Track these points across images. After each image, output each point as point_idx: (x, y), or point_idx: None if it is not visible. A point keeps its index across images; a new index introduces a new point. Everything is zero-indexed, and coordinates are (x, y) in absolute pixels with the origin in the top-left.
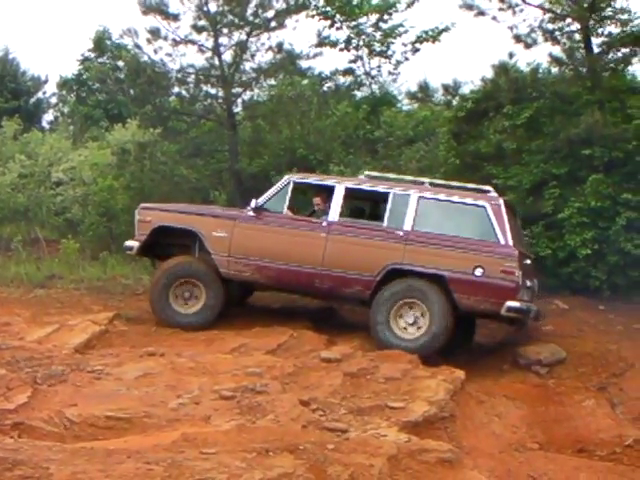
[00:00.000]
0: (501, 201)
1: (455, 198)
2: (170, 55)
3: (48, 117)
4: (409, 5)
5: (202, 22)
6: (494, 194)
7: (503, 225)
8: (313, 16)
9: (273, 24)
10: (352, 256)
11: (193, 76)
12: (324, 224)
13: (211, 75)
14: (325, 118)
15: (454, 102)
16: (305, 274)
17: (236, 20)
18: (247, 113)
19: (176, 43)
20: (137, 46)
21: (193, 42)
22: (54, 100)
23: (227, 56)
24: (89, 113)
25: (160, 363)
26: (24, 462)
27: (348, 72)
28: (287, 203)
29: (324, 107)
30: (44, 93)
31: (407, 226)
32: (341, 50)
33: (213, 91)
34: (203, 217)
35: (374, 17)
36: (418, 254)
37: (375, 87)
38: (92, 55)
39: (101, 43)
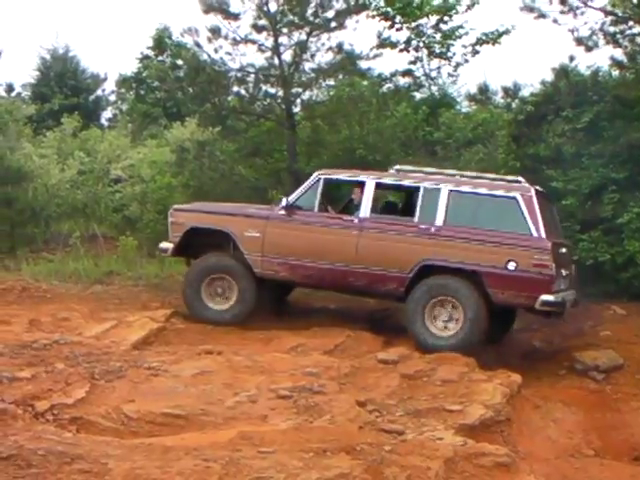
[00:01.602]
0: (533, 191)
1: (486, 190)
2: (230, 54)
3: (107, 114)
4: (469, 7)
5: (262, 21)
6: (525, 184)
7: (535, 216)
8: (373, 17)
9: (333, 24)
10: (384, 253)
11: (253, 75)
12: (356, 221)
13: (271, 75)
14: (384, 119)
15: (514, 105)
16: (338, 272)
17: (296, 20)
18: (306, 113)
19: (236, 42)
20: (197, 45)
21: (253, 41)
22: (113, 98)
23: (287, 56)
24: (148, 111)
25: (217, 361)
26: (83, 457)
27: (408, 73)
28: (318, 200)
29: (383, 108)
30: (103, 91)
31: (439, 221)
32: (401, 51)
33: (272, 91)
34: (235, 217)
35: (434, 18)
36: (450, 249)
37: (434, 89)
38: (152, 53)
39: (161, 41)
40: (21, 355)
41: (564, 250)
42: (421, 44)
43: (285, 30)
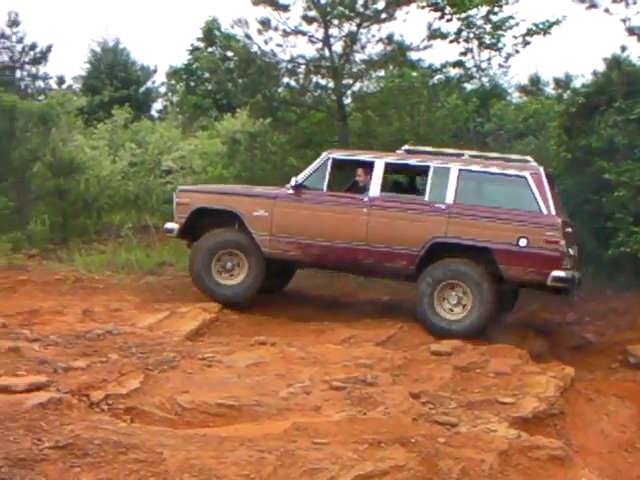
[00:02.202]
0: (541, 170)
1: (495, 169)
2: (280, 45)
3: (157, 106)
4: None
5: (312, 13)
6: (534, 163)
7: (545, 194)
8: (423, 7)
9: (383, 15)
10: (395, 231)
11: (303, 67)
12: (365, 200)
13: (321, 66)
14: (435, 110)
15: (565, 96)
16: (348, 250)
17: (346, 11)
18: (357, 104)
19: (286, 34)
20: (247, 36)
21: (303, 33)
22: (163, 89)
23: (337, 47)
24: (198, 102)
25: (271, 352)
26: (137, 446)
27: (458, 64)
28: (327, 180)
29: (434, 99)
30: (153, 82)
31: (449, 199)
32: (451, 42)
33: (323, 82)
34: (242, 197)
35: (484, 9)
36: (461, 227)
37: (485, 80)
38: (201, 45)
39: (210, 33)
40: (75, 345)
41: (570, 230)
42: (471, 35)
43: (335, 21)
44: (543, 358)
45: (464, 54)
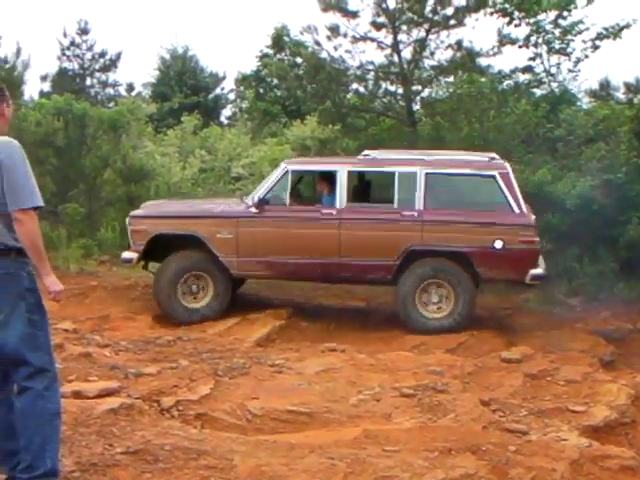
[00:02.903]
0: (509, 168)
1: (462, 170)
2: (349, 52)
3: (226, 112)
4: (589, 1)
5: (381, 19)
6: (500, 161)
7: (514, 192)
8: (492, 13)
9: (452, 22)
10: (368, 243)
11: (372, 73)
12: (334, 212)
13: (390, 72)
14: (504, 116)
15: (636, 100)
16: (322, 265)
17: (415, 17)
18: (426, 110)
19: (355, 40)
20: (317, 43)
21: (372, 39)
22: (232, 96)
23: (406, 53)
24: (267, 109)
25: (341, 359)
26: (208, 452)
27: (527, 70)
28: (289, 193)
29: (503, 105)
30: (222, 89)
31: (419, 205)
32: (520, 47)
33: (392, 88)
34: (203, 219)
35: (553, 14)
36: (435, 233)
37: (554, 85)
38: (271, 52)
39: (280, 40)
40: (146, 351)
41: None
42: (540, 40)
43: (404, 27)
44: (614, 366)
45: (533, 59)
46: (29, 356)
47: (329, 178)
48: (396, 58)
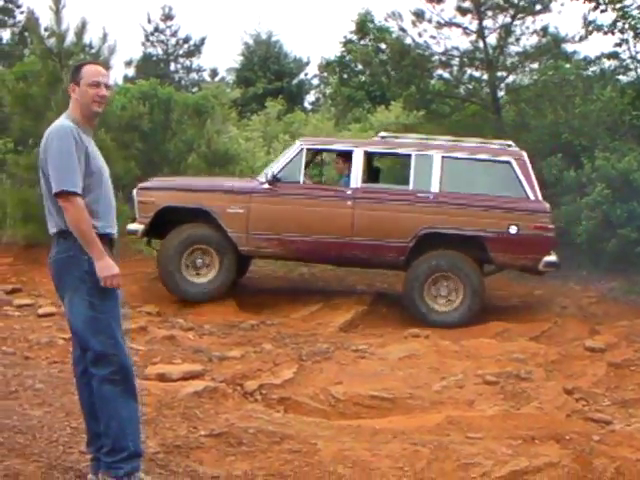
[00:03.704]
0: (525, 155)
1: (479, 155)
2: (434, 37)
3: (310, 98)
4: None
5: (466, 4)
6: (516, 148)
7: (530, 179)
8: None
9: (538, 7)
10: (382, 223)
11: (457, 59)
12: (349, 192)
13: (475, 58)
14: (590, 103)
15: None
16: (334, 245)
17: (501, 2)
18: (511, 97)
19: (440, 25)
20: (401, 29)
21: (457, 25)
22: (316, 81)
23: (491, 39)
24: (351, 95)
25: (424, 345)
26: (292, 437)
27: (613, 56)
28: (303, 171)
29: (589, 92)
30: (306, 74)
31: (434, 188)
32: (605, 33)
33: (477, 74)
34: (214, 193)
35: None
36: (450, 216)
37: None
38: (354, 37)
39: (364, 26)
40: (229, 335)
41: None
42: (627, 26)
43: (489, 13)
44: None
45: (619, 45)
46: (90, 341)
47: (345, 158)
48: (481, 44)
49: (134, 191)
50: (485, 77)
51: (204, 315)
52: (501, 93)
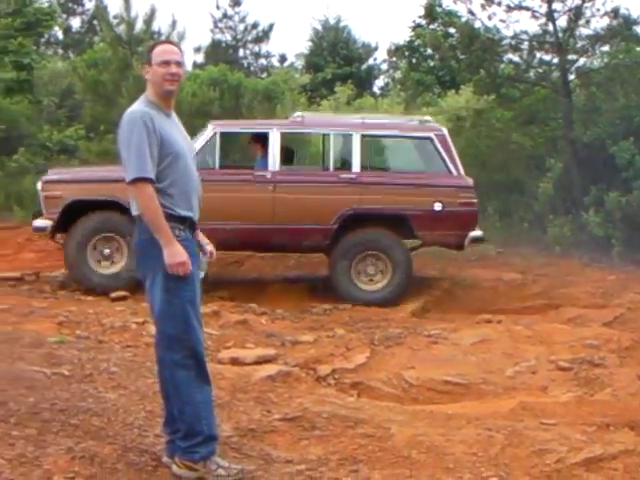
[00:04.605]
0: (445, 130)
1: (398, 132)
2: (504, 21)
3: (379, 83)
4: None
5: None
6: (436, 124)
7: (452, 155)
8: None
9: None
10: (305, 207)
11: (527, 42)
12: (268, 176)
13: (545, 42)
14: None
15: None
16: (257, 231)
17: None
18: (581, 80)
19: (510, 9)
20: (470, 12)
21: (527, 8)
22: (385, 67)
23: (561, 22)
24: (421, 79)
25: (497, 330)
26: (365, 421)
27: None
28: (218, 156)
29: None
30: (374, 60)
31: (355, 167)
32: None
33: (547, 58)
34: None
35: None
36: (373, 195)
37: None
38: (423, 22)
39: (432, 10)
40: (302, 320)
41: None
42: None
43: None
44: None
45: None
46: (163, 324)
47: (262, 140)
48: (551, 27)
49: (38, 184)
50: (555, 61)
51: (276, 300)
52: (571, 77)
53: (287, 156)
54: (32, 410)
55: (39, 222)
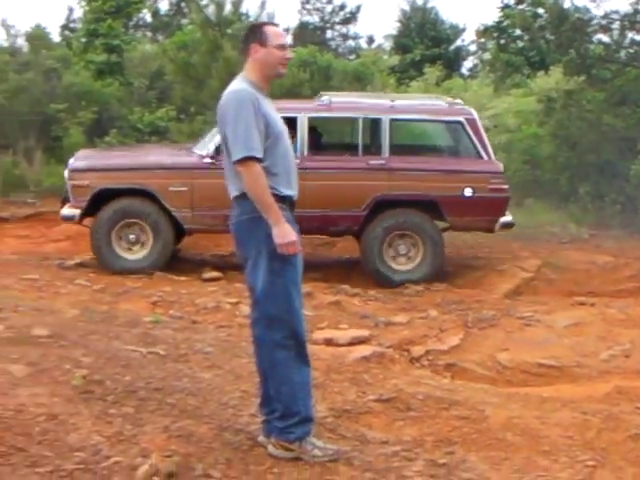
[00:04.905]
0: (475, 114)
1: (428, 116)
2: (594, 1)
3: (467, 64)
4: None
5: None
6: (466, 107)
7: (482, 139)
8: None
9: None
10: (334, 193)
11: (617, 22)
12: (296, 162)
13: (636, 21)
14: None
15: None
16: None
17: None
18: None
19: None
20: None
21: None
22: (473, 47)
23: None
24: (510, 60)
25: (591, 313)
26: (460, 403)
27: None
28: None
29: None
30: (462, 41)
31: (385, 153)
32: None
33: (639, 38)
34: (153, 171)
35: None
36: (403, 182)
37: None
38: (512, 2)
39: None
40: (394, 301)
41: None
42: None
43: None
44: None
45: None
46: (266, 304)
47: (289, 125)
48: None
49: (65, 173)
50: None
51: (369, 281)
52: None
53: (315, 140)
54: (129, 389)
55: (67, 211)
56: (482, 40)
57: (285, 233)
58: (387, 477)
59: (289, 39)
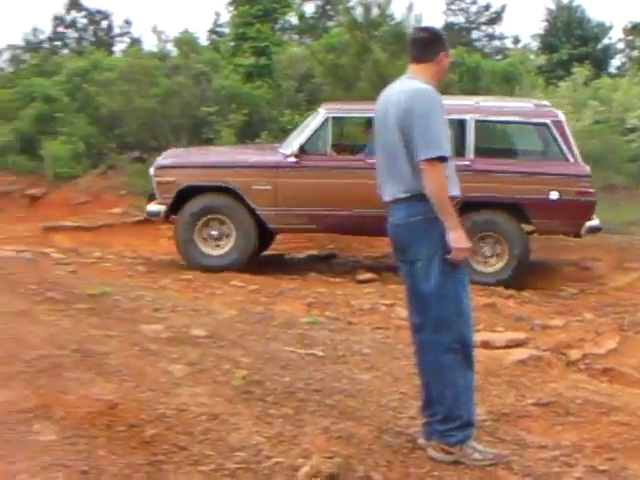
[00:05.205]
0: (562, 116)
1: (513, 118)
2: None
3: (615, 63)
4: None
5: None
6: (553, 109)
7: (569, 142)
8: None
9: None
10: None
11: None
12: None
13: None
14: None
15: None
16: (366, 218)
17: None
18: None
19: None
20: None
21: None
22: (620, 46)
23: None
24: None
25: None
26: (620, 408)
27: None
28: (330, 141)
29: None
30: (610, 39)
31: (469, 154)
32: None
33: None
34: (237, 169)
35: None
36: (489, 183)
37: None
38: None
39: None
40: (550, 304)
41: None
42: None
43: None
44: None
45: None
46: (435, 306)
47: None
48: None
49: (151, 170)
50: None
51: (523, 283)
52: None
53: None
54: (288, 390)
55: (153, 207)
56: (630, 38)
57: (461, 238)
58: None
59: None
